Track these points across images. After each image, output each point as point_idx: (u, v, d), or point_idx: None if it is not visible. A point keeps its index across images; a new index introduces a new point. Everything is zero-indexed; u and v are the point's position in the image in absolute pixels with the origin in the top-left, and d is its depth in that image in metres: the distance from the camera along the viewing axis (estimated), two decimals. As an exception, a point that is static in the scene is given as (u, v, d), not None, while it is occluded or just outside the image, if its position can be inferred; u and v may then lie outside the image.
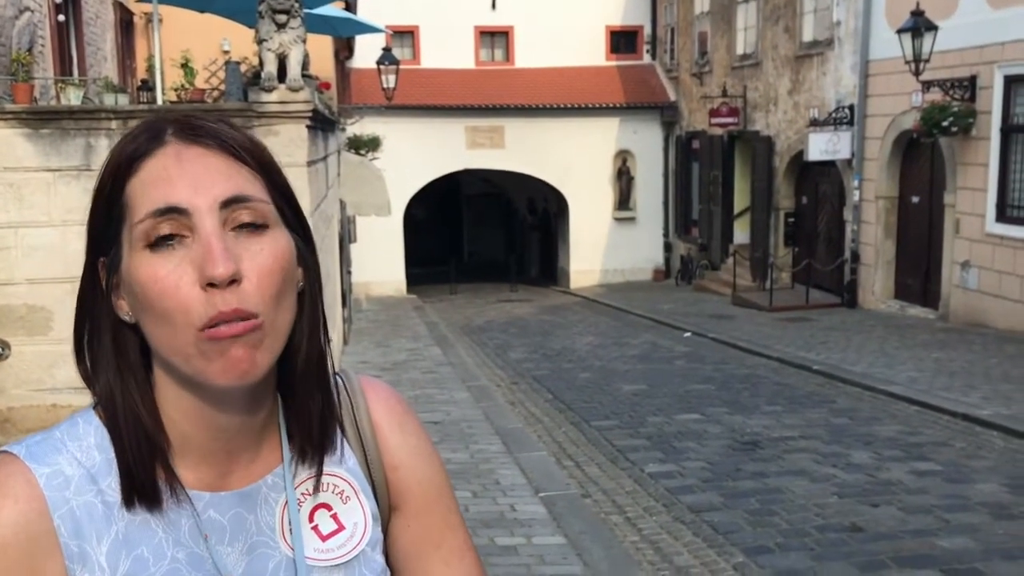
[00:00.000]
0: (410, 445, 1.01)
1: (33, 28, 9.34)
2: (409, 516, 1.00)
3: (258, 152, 0.89)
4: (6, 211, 6.53)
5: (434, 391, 9.42)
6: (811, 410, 8.69)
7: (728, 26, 19.86)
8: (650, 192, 22.89)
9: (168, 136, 0.86)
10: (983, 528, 5.48)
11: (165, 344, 0.85)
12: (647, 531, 5.70)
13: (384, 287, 20.64)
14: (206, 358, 0.83)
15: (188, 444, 0.89)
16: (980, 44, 12.24)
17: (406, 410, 1.04)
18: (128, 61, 14.10)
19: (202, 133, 0.86)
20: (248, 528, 0.91)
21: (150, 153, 0.85)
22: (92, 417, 0.90)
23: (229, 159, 0.86)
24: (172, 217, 0.83)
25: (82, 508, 0.86)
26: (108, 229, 0.86)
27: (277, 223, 0.88)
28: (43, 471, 0.86)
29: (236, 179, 0.85)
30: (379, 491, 0.99)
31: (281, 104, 6.79)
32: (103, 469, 0.87)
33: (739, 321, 14.92)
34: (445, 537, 1.01)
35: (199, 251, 0.82)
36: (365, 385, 1.02)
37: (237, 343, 0.82)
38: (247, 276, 0.83)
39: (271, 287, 0.85)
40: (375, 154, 17.28)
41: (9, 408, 6.71)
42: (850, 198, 15.67)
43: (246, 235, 0.85)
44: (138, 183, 0.85)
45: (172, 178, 0.84)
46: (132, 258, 0.84)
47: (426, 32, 22.24)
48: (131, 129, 0.89)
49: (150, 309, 0.84)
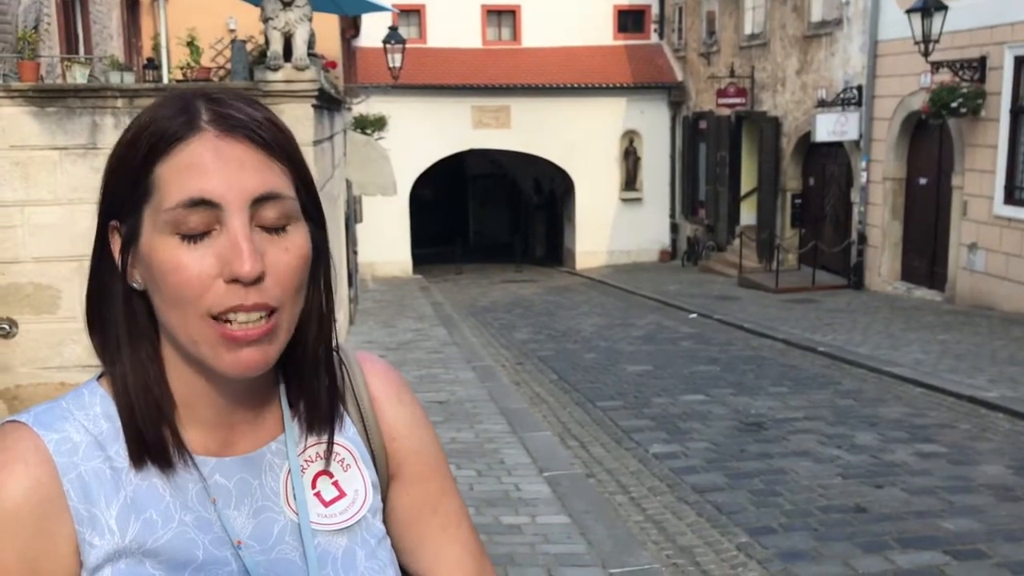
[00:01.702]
0: (407, 415, 1.04)
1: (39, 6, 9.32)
2: (407, 483, 1.03)
3: (289, 145, 0.89)
4: (12, 189, 6.54)
5: (439, 371, 9.44)
6: (816, 391, 8.69)
7: (736, 6, 19.72)
8: (657, 173, 22.82)
9: (204, 123, 0.85)
10: (987, 510, 5.49)
11: (175, 325, 0.86)
12: (651, 511, 5.72)
13: (390, 267, 20.65)
14: (215, 349, 0.84)
15: (192, 411, 0.91)
16: (990, 24, 12.14)
17: (402, 382, 1.07)
18: (134, 39, 14.06)
19: (238, 124, 0.86)
20: (253, 492, 0.94)
21: (185, 139, 0.85)
22: (97, 388, 0.92)
23: (262, 153, 0.86)
24: (203, 209, 0.83)
25: (90, 473, 0.87)
26: (129, 201, 0.87)
27: (299, 217, 0.89)
28: (52, 437, 0.87)
29: (268, 175, 0.86)
30: (378, 460, 1.01)
31: (287, 83, 6.78)
32: (110, 436, 0.89)
33: (745, 302, 14.91)
34: (442, 503, 1.05)
35: (226, 245, 0.83)
36: (362, 360, 1.05)
37: (251, 343, 0.84)
38: (269, 273, 0.84)
39: (291, 285, 0.86)
40: (381, 134, 17.27)
41: (17, 386, 6.75)
42: (857, 179, 15.61)
43: (271, 233, 0.86)
44: (170, 168, 0.84)
45: (207, 170, 0.84)
46: (155, 239, 0.85)
47: (433, 11, 22.14)
48: (162, 102, 0.88)
49: (166, 293, 0.85)
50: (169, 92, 0.90)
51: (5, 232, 6.59)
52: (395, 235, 20.87)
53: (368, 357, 1.06)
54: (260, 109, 0.89)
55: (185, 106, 0.86)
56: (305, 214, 0.90)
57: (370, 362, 1.05)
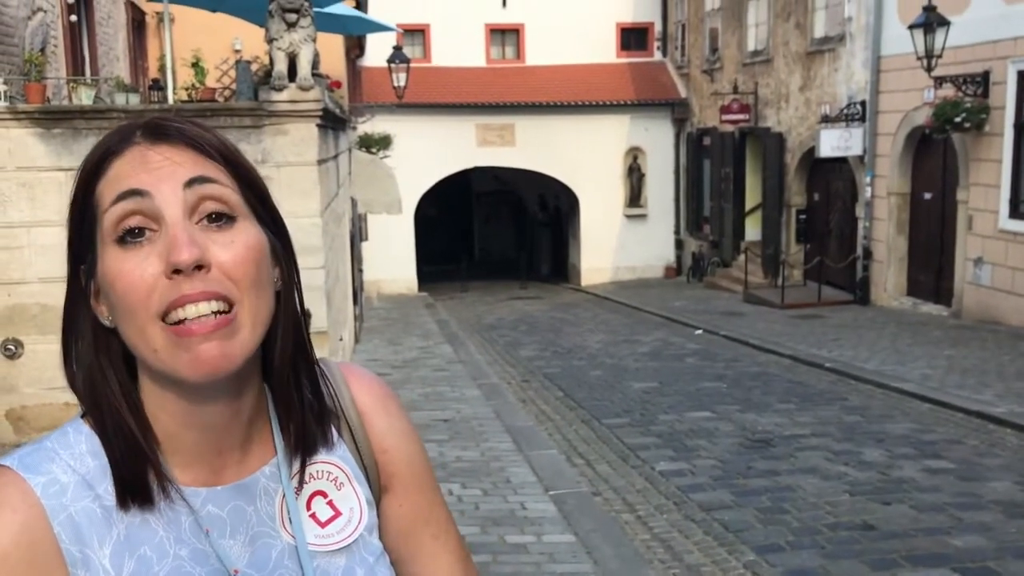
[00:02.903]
0: (396, 427, 1.04)
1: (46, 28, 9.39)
2: (400, 495, 1.03)
3: (224, 148, 0.90)
4: (19, 210, 6.57)
5: (445, 389, 9.43)
6: (823, 408, 8.66)
7: (739, 22, 19.79)
8: (661, 189, 22.84)
9: (137, 137, 0.87)
10: (996, 527, 5.45)
11: (134, 340, 0.86)
12: (658, 529, 5.70)
13: (395, 285, 20.66)
14: (173, 353, 0.83)
15: (177, 443, 0.90)
16: (993, 39, 12.16)
17: (388, 393, 1.06)
18: (140, 60, 14.16)
19: (169, 131, 0.88)
20: (248, 519, 0.93)
21: (119, 153, 0.87)
22: (82, 426, 0.91)
23: (194, 152, 0.88)
24: (136, 203, 0.84)
25: (81, 513, 0.86)
26: (83, 233, 0.88)
27: (247, 216, 0.89)
28: (38, 480, 0.86)
29: (199, 166, 0.87)
30: (371, 475, 1.01)
31: (292, 103, 6.81)
32: (98, 474, 0.88)
33: (751, 318, 14.89)
34: (433, 512, 1.06)
35: (165, 242, 0.83)
36: (347, 372, 1.04)
37: (208, 338, 0.83)
38: (216, 264, 0.84)
39: (244, 276, 0.86)
40: (386, 152, 17.30)
41: (23, 406, 6.76)
42: (862, 194, 15.61)
43: (215, 228, 0.86)
44: (106, 181, 0.86)
45: (136, 169, 0.86)
46: (104, 256, 0.86)
47: (437, 30, 22.24)
48: (110, 132, 0.90)
49: (118, 304, 0.85)
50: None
51: (12, 253, 6.62)
52: (400, 253, 20.90)
53: (352, 369, 1.06)
54: (200, 126, 0.90)
55: (121, 129, 0.89)
56: (258, 218, 0.90)
57: (355, 375, 1.05)
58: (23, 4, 8.80)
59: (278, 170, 6.71)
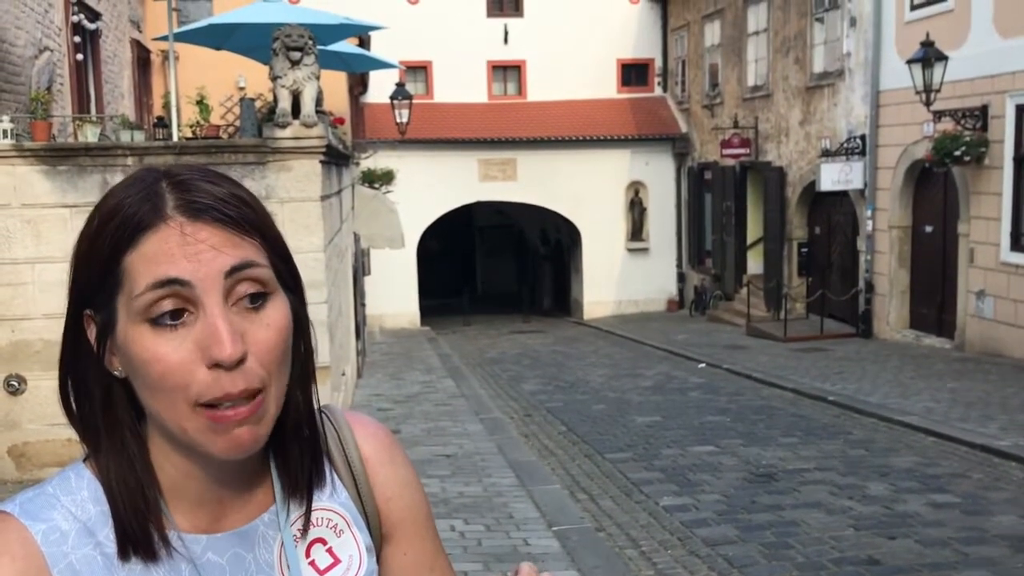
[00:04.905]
0: (400, 476, 1.04)
1: (52, 67, 9.49)
2: (404, 544, 1.04)
3: (259, 220, 0.88)
4: (24, 247, 6.61)
5: (447, 423, 9.40)
6: (827, 441, 8.62)
7: (738, 58, 19.97)
8: (663, 223, 22.92)
9: (170, 211, 0.84)
10: (1002, 561, 5.41)
11: (162, 415, 0.85)
12: (662, 565, 5.66)
13: (398, 319, 20.68)
14: (206, 434, 0.84)
15: (181, 491, 0.90)
16: (991, 73, 12.26)
17: (393, 442, 1.06)
18: (145, 98, 14.29)
19: (204, 208, 0.84)
20: (247, 567, 0.92)
21: (152, 227, 0.83)
22: (83, 470, 0.90)
23: (231, 231, 0.85)
24: (174, 290, 0.82)
25: (81, 561, 0.86)
26: (101, 291, 0.85)
27: (276, 288, 0.88)
28: (39, 527, 0.85)
29: (238, 251, 0.85)
30: (372, 522, 1.01)
31: (295, 140, 6.87)
32: (99, 521, 0.87)
33: (753, 352, 14.86)
34: (436, 560, 1.06)
35: (204, 331, 0.82)
36: (351, 420, 1.05)
37: (241, 423, 0.84)
38: (252, 353, 0.84)
39: (273, 361, 0.86)
40: (389, 187, 17.40)
41: (25, 443, 6.75)
42: (863, 228, 15.65)
43: (249, 311, 0.85)
44: (139, 257, 0.83)
45: (175, 255, 0.82)
46: (131, 329, 0.83)
47: (439, 67, 22.44)
48: (126, 184, 0.87)
49: (149, 383, 0.84)
50: (134, 173, 0.89)
51: (16, 289, 6.65)
52: (403, 287, 20.94)
53: (358, 418, 1.06)
54: (225, 184, 0.88)
55: (148, 192, 0.85)
56: (283, 284, 0.89)
57: (360, 423, 1.05)
58: (30, 43, 8.91)
59: (282, 206, 6.76)
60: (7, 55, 8.30)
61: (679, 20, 22.96)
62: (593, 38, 22.81)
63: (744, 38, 19.68)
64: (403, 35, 19.24)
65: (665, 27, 23.57)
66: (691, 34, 22.36)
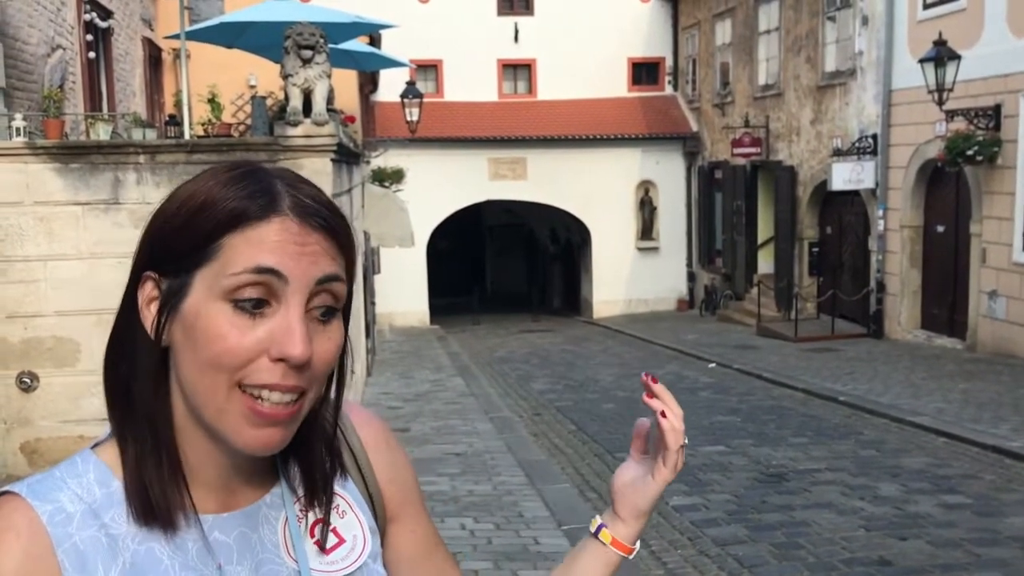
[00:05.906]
0: (398, 460, 1.08)
1: (64, 65, 9.53)
2: (412, 522, 1.08)
3: (350, 239, 0.92)
4: (36, 244, 6.63)
5: (457, 422, 9.41)
6: (838, 442, 8.59)
7: (749, 57, 19.91)
8: (673, 222, 22.88)
9: (286, 208, 0.86)
10: (1014, 563, 5.38)
11: (202, 391, 0.86)
12: (672, 565, 5.64)
13: (407, 318, 20.70)
14: (239, 422, 0.85)
15: (195, 474, 0.92)
16: (1004, 73, 12.19)
17: (386, 427, 1.10)
18: (156, 96, 14.33)
19: (313, 212, 0.87)
20: (253, 546, 0.94)
21: (265, 219, 0.86)
22: (90, 455, 0.92)
23: (331, 244, 0.88)
24: (267, 279, 0.84)
25: (86, 542, 0.87)
26: (184, 259, 0.86)
27: (342, 307, 0.91)
28: (45, 508, 0.87)
29: (333, 261, 0.88)
30: (376, 504, 1.04)
31: (306, 138, 6.88)
32: (104, 503, 0.89)
33: (764, 352, 14.83)
34: (436, 538, 1.11)
35: (281, 325, 0.84)
36: (348, 409, 1.07)
37: (276, 423, 0.86)
38: (312, 361, 0.86)
39: (322, 373, 0.89)
40: (399, 186, 17.42)
41: (37, 439, 6.78)
42: (875, 227, 15.59)
43: (321, 322, 0.88)
44: (243, 239, 0.85)
45: (283, 249, 0.85)
46: (209, 304, 0.85)
47: (449, 66, 22.46)
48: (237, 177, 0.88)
49: (203, 357, 0.85)
50: (242, 165, 0.91)
51: (28, 287, 6.67)
52: (413, 286, 20.96)
53: (354, 407, 1.08)
54: (322, 194, 0.91)
55: (265, 188, 0.87)
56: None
57: (357, 411, 1.08)
58: (43, 41, 8.95)
59: (292, 204, 6.76)
60: (20, 53, 8.34)
61: (690, 19, 22.92)
62: (603, 37, 22.79)
63: (755, 37, 19.63)
64: (413, 34, 19.24)
65: (676, 26, 23.53)
66: (702, 33, 22.31)
